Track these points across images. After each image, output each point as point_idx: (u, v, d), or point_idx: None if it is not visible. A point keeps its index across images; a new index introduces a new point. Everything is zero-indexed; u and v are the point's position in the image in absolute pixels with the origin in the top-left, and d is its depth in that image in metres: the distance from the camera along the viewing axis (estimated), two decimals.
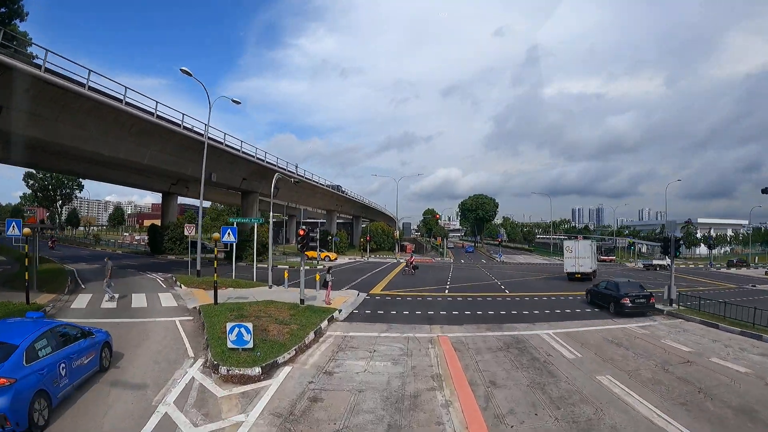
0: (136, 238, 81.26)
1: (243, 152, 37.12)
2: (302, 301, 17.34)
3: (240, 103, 28.95)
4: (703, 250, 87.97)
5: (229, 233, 19.11)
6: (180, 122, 30.07)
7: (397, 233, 60.05)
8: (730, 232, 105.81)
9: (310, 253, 45.49)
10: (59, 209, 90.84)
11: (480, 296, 22.38)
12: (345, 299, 19.89)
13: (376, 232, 74.28)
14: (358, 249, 64.62)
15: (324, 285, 18.48)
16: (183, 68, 24.66)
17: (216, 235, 17.44)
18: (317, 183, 52.71)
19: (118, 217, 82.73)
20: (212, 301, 17.00)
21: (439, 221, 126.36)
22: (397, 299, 20.42)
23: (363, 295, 21.24)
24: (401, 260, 53.73)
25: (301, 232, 16.59)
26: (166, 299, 19.46)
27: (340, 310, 17.05)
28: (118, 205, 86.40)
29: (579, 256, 31.32)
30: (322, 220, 78.63)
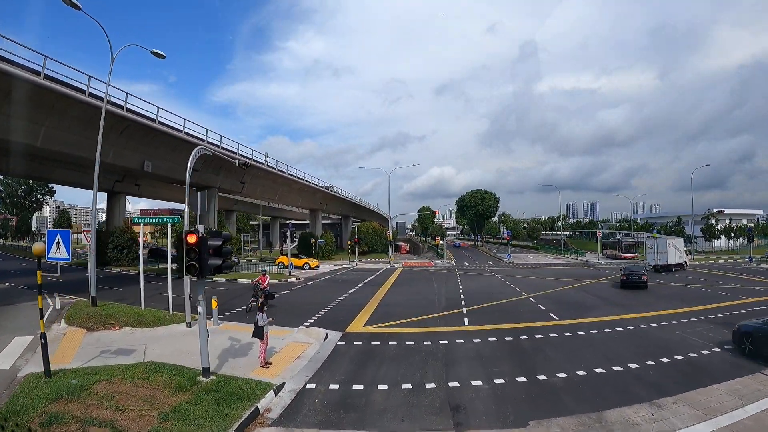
0: None
1: (186, 133, 28.73)
2: (206, 371, 9.14)
3: (164, 56, 20.62)
4: (721, 243, 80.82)
5: (57, 244, 10.71)
6: (85, 88, 21.73)
7: (390, 233, 51.90)
8: (745, 222, 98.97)
9: (284, 260, 37.25)
10: (30, 216, 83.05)
11: (521, 329, 14.24)
12: (301, 351, 11.68)
13: (368, 232, 66.08)
14: (347, 252, 56.39)
15: (258, 333, 10.22)
16: None
17: (38, 245, 9.06)
18: (293, 176, 44.31)
19: (63, 222, 73.45)
20: (81, 353, 9.23)
21: (436, 218, 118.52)
22: (390, 346, 12.17)
23: (333, 338, 13.00)
24: (396, 265, 45.55)
25: (191, 239, 8.36)
26: (8, 354, 11.61)
27: (278, 388, 8.88)
28: (65, 209, 77.02)
29: (658, 251, 36.48)
30: (307, 221, 70.38)
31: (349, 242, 56.72)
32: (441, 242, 63.59)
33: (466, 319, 15.48)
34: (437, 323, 15.09)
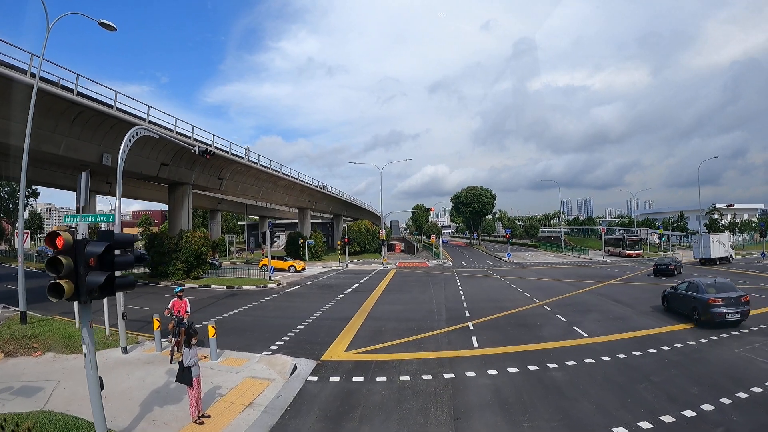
0: None
1: (151, 122, 25.44)
2: None
3: (115, 28, 17.44)
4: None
5: None
6: (26, 69, 18.48)
7: (383, 232, 48.78)
8: (746, 217, 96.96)
9: (267, 261, 33.99)
10: (13, 220, 79.05)
11: (546, 353, 11.24)
12: (256, 393, 8.56)
13: (360, 232, 63.05)
14: (338, 252, 53.28)
15: (184, 377, 7.13)
16: None
17: None
18: (277, 172, 41.06)
19: (34, 225, 69.32)
20: None
21: (430, 215, 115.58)
22: (377, 385, 9.07)
23: (304, 371, 9.85)
24: (389, 266, 42.51)
25: (59, 243, 5.27)
26: None
27: None
28: (33, 210, 72.27)
29: (703, 246, 39.41)
30: (295, 220, 67.13)
31: (339, 242, 53.67)
32: (437, 241, 60.57)
33: (474, 339, 12.40)
34: (438, 344, 12.02)
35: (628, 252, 52.36)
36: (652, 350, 11.54)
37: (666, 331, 13.66)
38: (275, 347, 11.80)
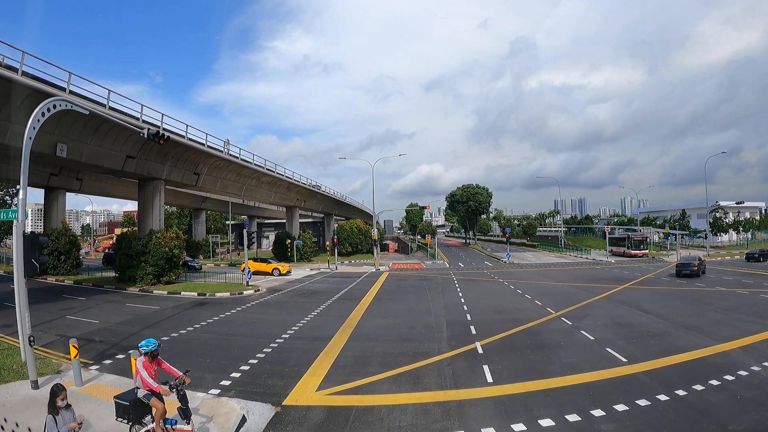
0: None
1: (112, 108, 22.48)
2: None
3: None
4: (725, 237, 76.50)
5: None
6: None
7: (375, 232, 45.97)
8: (747, 215, 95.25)
9: (251, 264, 31.12)
10: None
11: (584, 390, 8.56)
12: None
13: (351, 231, 60.30)
14: (330, 253, 50.44)
15: None
16: None
17: None
18: (261, 167, 38.11)
19: (4, 226, 65.09)
20: None
21: (425, 214, 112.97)
22: None
23: (254, 427, 6.98)
24: (382, 268, 39.76)
25: None
26: None
27: None
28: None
29: None
30: (284, 220, 64.18)
31: (327, 243, 50.88)
32: (432, 241, 57.90)
33: (486, 369, 9.63)
34: (441, 378, 9.27)
35: (633, 252, 49.93)
36: (714, 382, 8.92)
37: (718, 352, 11.08)
38: (228, 381, 9.00)
